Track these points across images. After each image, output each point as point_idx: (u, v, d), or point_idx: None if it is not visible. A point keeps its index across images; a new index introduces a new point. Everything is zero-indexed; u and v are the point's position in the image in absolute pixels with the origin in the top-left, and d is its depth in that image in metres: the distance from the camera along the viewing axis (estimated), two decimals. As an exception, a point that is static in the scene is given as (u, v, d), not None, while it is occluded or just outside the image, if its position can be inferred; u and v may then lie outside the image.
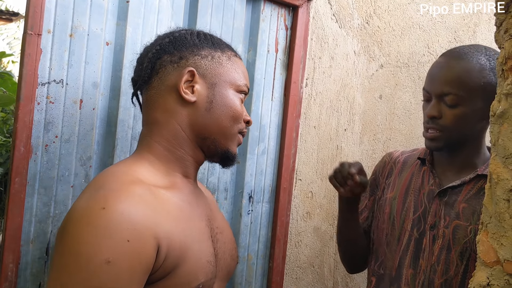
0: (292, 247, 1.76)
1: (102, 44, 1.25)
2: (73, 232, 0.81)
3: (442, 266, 1.25)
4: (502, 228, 0.82)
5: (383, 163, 1.53)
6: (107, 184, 0.87)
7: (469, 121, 1.24)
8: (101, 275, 0.78)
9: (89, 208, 0.82)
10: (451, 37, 2.16)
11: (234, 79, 1.04)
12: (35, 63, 1.15)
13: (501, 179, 0.83)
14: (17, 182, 1.14)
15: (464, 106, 1.22)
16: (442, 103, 1.24)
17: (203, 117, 1.01)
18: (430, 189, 1.34)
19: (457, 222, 1.26)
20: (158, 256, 0.85)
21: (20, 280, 1.17)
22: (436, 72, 1.26)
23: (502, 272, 0.83)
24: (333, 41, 1.80)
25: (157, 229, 0.85)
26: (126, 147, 1.30)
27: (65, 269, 0.79)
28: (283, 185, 1.68)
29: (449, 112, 1.24)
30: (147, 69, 1.01)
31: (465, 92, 1.20)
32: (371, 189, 1.56)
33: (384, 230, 1.40)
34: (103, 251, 0.78)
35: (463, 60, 1.22)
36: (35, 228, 1.18)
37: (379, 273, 1.39)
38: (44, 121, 1.18)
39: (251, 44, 1.58)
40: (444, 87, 1.23)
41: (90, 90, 1.24)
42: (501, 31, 0.88)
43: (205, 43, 1.04)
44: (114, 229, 0.80)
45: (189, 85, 1.00)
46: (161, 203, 0.90)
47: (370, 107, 1.95)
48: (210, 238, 1.03)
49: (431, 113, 1.25)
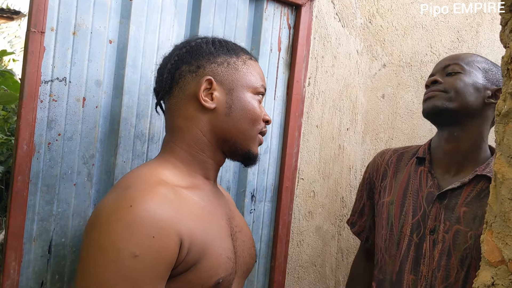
0: (294, 247, 1.76)
1: (105, 42, 1.25)
2: (102, 228, 0.87)
3: (443, 272, 1.24)
4: (507, 227, 0.82)
5: (376, 165, 1.51)
6: (135, 185, 0.94)
7: (468, 90, 1.29)
8: (128, 267, 0.84)
9: (117, 206, 0.88)
10: (453, 37, 2.16)
11: (250, 82, 1.09)
12: (38, 61, 1.15)
13: (506, 179, 0.83)
14: (19, 180, 1.14)
15: (464, 74, 1.31)
16: (443, 74, 1.35)
17: (223, 122, 1.06)
18: (429, 192, 1.32)
19: (458, 227, 1.24)
20: (180, 251, 0.91)
21: (23, 279, 1.16)
22: (442, 60, 1.41)
23: (506, 272, 0.83)
24: (336, 40, 1.80)
25: (180, 226, 0.91)
26: (129, 146, 1.30)
27: (94, 262, 0.85)
28: (285, 184, 1.68)
29: (450, 79, 1.33)
30: (168, 80, 1.07)
31: (465, 63, 1.33)
32: (366, 193, 1.54)
33: (382, 236, 1.38)
34: (131, 246, 0.84)
35: (466, 55, 1.37)
36: (38, 226, 1.18)
37: (378, 278, 1.38)
38: (47, 119, 1.18)
39: (254, 43, 1.58)
40: (447, 61, 1.37)
41: (93, 88, 1.24)
42: (506, 30, 0.88)
43: (220, 50, 1.08)
44: (140, 225, 0.86)
45: (208, 92, 1.05)
46: (183, 202, 0.96)
47: (372, 107, 1.94)
48: (230, 236, 1.08)
49: (433, 79, 1.35)
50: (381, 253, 1.38)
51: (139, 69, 1.31)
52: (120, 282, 0.84)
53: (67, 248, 1.22)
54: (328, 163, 1.83)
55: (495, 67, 1.34)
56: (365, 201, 1.54)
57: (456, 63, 1.33)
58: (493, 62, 1.37)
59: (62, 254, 1.22)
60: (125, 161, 1.30)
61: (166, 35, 1.36)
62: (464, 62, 1.33)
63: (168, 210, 0.90)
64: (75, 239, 1.23)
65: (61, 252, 1.22)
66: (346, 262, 1.92)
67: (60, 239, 1.21)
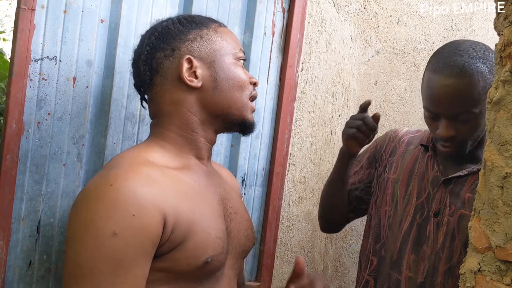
0: (284, 231, 1.77)
1: (96, 21, 1.23)
2: (83, 207, 0.89)
3: (447, 254, 1.26)
4: (495, 214, 0.83)
5: (387, 139, 1.51)
6: (119, 165, 0.94)
7: (482, 125, 1.25)
8: (108, 246, 0.84)
9: (99, 185, 0.89)
10: (447, 25, 2.15)
11: (228, 49, 1.07)
12: (28, 39, 1.13)
13: (495, 166, 0.83)
14: (8, 159, 1.13)
15: (477, 117, 1.21)
16: (454, 121, 1.22)
17: (212, 96, 1.05)
18: (434, 176, 1.33)
19: (462, 211, 1.26)
20: (164, 230, 0.90)
21: (10, 258, 1.16)
22: (441, 94, 1.21)
23: (493, 258, 0.84)
24: (330, 25, 1.79)
25: (164, 205, 0.91)
26: (120, 127, 1.29)
27: (76, 241, 0.87)
28: (276, 170, 1.68)
29: (464, 128, 1.23)
30: (146, 72, 1.05)
31: (476, 106, 1.19)
32: (369, 161, 1.55)
33: (386, 212, 1.39)
34: (110, 224, 0.85)
35: (465, 75, 1.18)
36: (26, 206, 1.17)
37: (380, 255, 1.40)
38: (37, 98, 1.17)
39: (247, 26, 1.57)
40: (456, 108, 1.20)
41: (83, 68, 1.22)
42: (501, 17, 0.87)
43: (189, 26, 1.06)
44: (120, 204, 0.86)
45: (190, 72, 1.03)
46: (169, 182, 0.95)
47: (365, 93, 1.94)
48: (222, 216, 1.07)
49: (448, 134, 1.23)
50: (384, 229, 1.39)
51: (131, 49, 1.29)
52: (101, 260, 0.84)
53: (55, 229, 1.22)
54: (319, 149, 1.83)
55: (491, 55, 1.25)
56: (364, 167, 1.54)
57: (468, 111, 1.19)
58: (488, 48, 1.26)
59: (50, 234, 1.21)
60: (115, 142, 1.29)
61: (159, 16, 1.34)
62: (475, 106, 1.19)
63: (151, 189, 0.90)
64: (64, 220, 1.23)
65: (50, 232, 1.21)
66: (335, 247, 1.93)
67: (49, 219, 1.21)
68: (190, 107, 1.04)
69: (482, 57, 1.21)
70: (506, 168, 0.81)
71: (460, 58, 1.20)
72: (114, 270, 0.85)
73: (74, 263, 0.86)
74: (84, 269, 0.84)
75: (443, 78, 1.20)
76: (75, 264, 0.85)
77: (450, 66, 1.20)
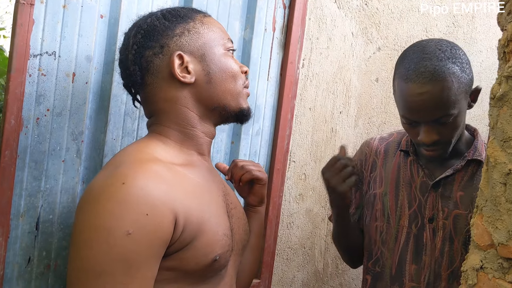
0: (284, 228, 1.76)
1: (96, 17, 1.22)
2: (92, 207, 0.85)
3: (447, 259, 1.25)
4: (498, 211, 0.82)
5: (364, 156, 1.48)
6: (126, 162, 0.91)
7: (463, 122, 1.24)
8: (121, 247, 0.81)
9: (108, 184, 0.85)
10: (449, 21, 2.14)
11: (216, 40, 1.05)
12: (27, 34, 1.12)
13: (498, 163, 0.83)
14: (7, 155, 1.12)
15: (457, 116, 1.20)
16: (435, 125, 1.20)
17: (207, 90, 1.03)
18: (422, 181, 1.31)
19: (457, 211, 1.25)
20: (175, 229, 0.88)
21: (9, 254, 1.15)
22: (417, 102, 1.17)
23: (496, 256, 0.83)
24: (331, 21, 1.78)
25: (174, 203, 0.88)
26: (119, 123, 1.28)
27: (86, 243, 0.82)
28: (277, 167, 1.67)
29: (446, 129, 1.21)
30: (136, 71, 1.02)
31: (454, 107, 1.17)
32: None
33: (378, 227, 1.37)
34: (124, 224, 0.82)
35: (438, 80, 1.15)
36: (25, 202, 1.17)
37: (374, 271, 1.38)
38: (36, 93, 1.16)
39: (248, 21, 1.56)
40: (435, 114, 1.18)
41: (83, 63, 1.21)
42: (504, 13, 0.87)
43: (175, 21, 1.04)
44: (134, 203, 0.83)
45: (182, 68, 1.01)
46: (178, 180, 0.93)
47: (366, 90, 1.93)
48: (226, 212, 1.06)
49: (431, 139, 1.21)
50: (376, 246, 1.37)
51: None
52: (113, 263, 0.81)
53: (54, 225, 1.21)
54: (320, 146, 1.83)
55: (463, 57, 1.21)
56: (353, 192, 1.51)
57: (446, 113, 1.17)
58: (454, 45, 1.22)
59: (49, 231, 1.21)
60: (115, 139, 1.28)
61: (159, 11, 1.33)
62: (453, 107, 1.17)
63: (162, 187, 0.87)
64: (63, 216, 1.22)
65: (49, 229, 1.20)
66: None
67: (48, 216, 1.20)
68: (186, 103, 1.03)
69: (451, 56, 1.17)
70: (509, 165, 0.80)
71: (430, 62, 1.16)
72: (126, 271, 0.82)
73: (83, 266, 0.82)
74: (94, 272, 0.81)
75: (417, 86, 1.16)
76: (83, 268, 0.82)
77: (421, 72, 1.16)
